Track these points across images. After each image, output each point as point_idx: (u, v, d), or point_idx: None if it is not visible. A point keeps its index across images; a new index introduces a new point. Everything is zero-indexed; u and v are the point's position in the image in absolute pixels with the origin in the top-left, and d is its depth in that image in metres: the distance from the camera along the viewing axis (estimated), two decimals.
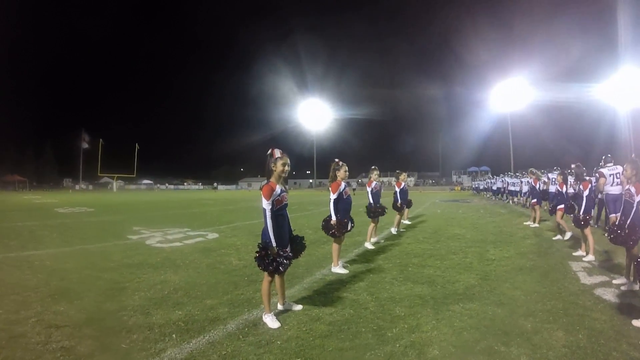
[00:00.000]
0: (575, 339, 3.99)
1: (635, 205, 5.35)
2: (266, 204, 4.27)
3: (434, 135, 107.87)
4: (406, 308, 4.83)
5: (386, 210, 9.25)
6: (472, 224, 13.68)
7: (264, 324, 4.23)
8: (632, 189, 5.41)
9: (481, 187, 46.68)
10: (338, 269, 6.62)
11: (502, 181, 31.31)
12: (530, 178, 14.42)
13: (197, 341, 3.85)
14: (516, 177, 26.85)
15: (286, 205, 4.56)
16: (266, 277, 4.32)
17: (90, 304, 4.93)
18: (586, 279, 6.18)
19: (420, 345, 3.80)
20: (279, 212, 4.43)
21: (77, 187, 76.62)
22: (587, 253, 7.66)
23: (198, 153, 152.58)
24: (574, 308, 4.87)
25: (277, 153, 4.42)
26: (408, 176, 14.61)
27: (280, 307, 4.68)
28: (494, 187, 34.49)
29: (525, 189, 19.03)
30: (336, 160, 6.74)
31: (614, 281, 5.99)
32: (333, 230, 6.43)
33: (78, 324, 4.28)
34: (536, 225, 12.80)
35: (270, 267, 4.25)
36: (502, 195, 30.54)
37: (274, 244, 4.27)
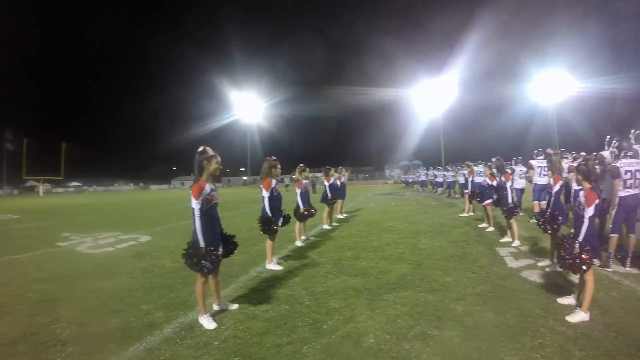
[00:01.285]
0: (504, 318, 4.23)
1: (553, 195, 5.87)
2: (195, 204, 4.14)
3: (368, 130, 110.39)
4: (341, 300, 4.91)
5: (314, 212, 9.25)
6: (404, 217, 14.10)
7: (201, 325, 4.20)
8: (552, 181, 5.88)
9: (410, 180, 49.29)
10: (272, 266, 6.63)
11: (426, 174, 35.00)
12: (466, 171, 15.06)
13: (134, 349, 3.73)
14: (440, 170, 30.17)
15: (216, 204, 4.45)
16: (199, 278, 4.25)
17: (23, 319, 4.64)
18: (513, 263, 6.57)
19: (356, 335, 3.89)
20: (210, 212, 4.31)
21: (0, 192, 70.15)
22: (513, 239, 8.15)
23: (129, 152, 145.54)
24: (503, 290, 5.16)
25: (211, 151, 4.37)
26: (345, 171, 14.72)
27: (216, 307, 4.66)
28: (420, 180, 38.25)
29: (461, 180, 19.97)
30: (268, 157, 6.73)
31: (539, 263, 6.43)
32: (270, 227, 6.43)
33: (11, 340, 4.00)
34: (469, 214, 13.46)
35: (196, 267, 4.14)
36: (432, 187, 32.91)
37: (202, 244, 4.15)
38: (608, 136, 7.46)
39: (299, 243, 8.71)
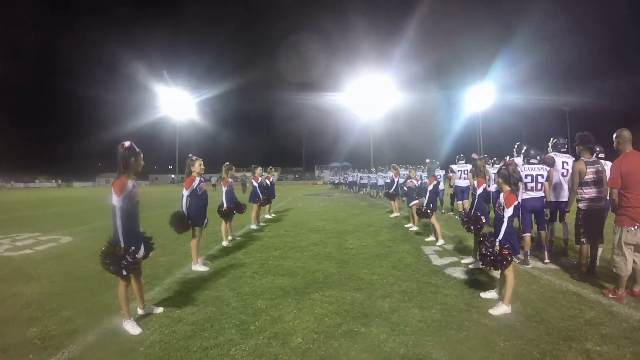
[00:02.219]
0: (429, 314, 4.37)
1: (477, 196, 6.28)
2: (116, 200, 3.92)
3: (298, 131, 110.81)
4: (268, 300, 4.86)
5: (244, 209, 9.12)
6: (332, 217, 14.27)
7: (125, 331, 4.04)
8: (475, 183, 6.23)
9: (336, 181, 50.61)
10: (198, 267, 6.45)
11: (353, 176, 37.12)
12: (392, 172, 15.49)
13: (56, 359, 3.49)
14: (365, 172, 32.45)
15: (138, 202, 4.25)
16: (122, 282, 4.08)
17: None
18: (437, 261, 6.83)
19: (283, 335, 3.86)
20: (131, 210, 4.10)
21: None
22: (437, 239, 8.49)
23: (51, 147, 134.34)
24: (427, 287, 5.33)
25: (136, 148, 4.20)
26: (274, 171, 14.64)
27: (140, 311, 4.49)
28: (347, 181, 40.12)
29: (387, 181, 20.78)
30: (190, 155, 6.55)
31: (463, 261, 6.75)
32: (183, 224, 6.26)
33: None
34: (397, 215, 13.82)
35: (112, 269, 3.91)
36: (357, 188, 34.42)
37: (122, 244, 3.94)
38: (517, 143, 8.02)
39: (225, 243, 8.53)
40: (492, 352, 3.49)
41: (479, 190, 6.33)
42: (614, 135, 5.04)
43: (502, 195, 4.71)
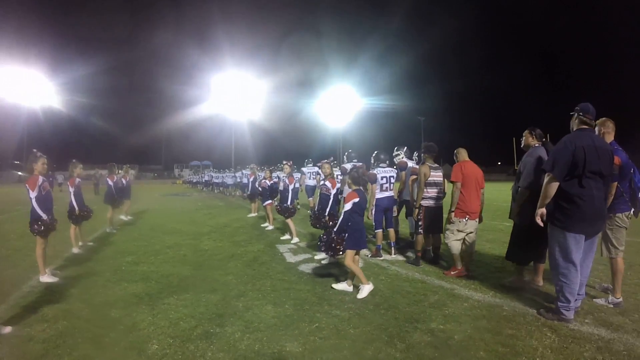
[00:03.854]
0: (282, 309, 4.60)
1: (331, 197, 6.79)
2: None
3: (158, 128, 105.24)
4: (122, 309, 4.68)
5: (92, 213, 8.48)
6: (189, 218, 13.98)
7: None
8: (328, 184, 6.74)
9: (194, 181, 50.25)
10: (46, 278, 5.87)
11: (209, 175, 38.91)
12: (249, 172, 15.66)
13: None
14: (220, 171, 35.19)
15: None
16: None
17: None
18: (292, 258, 7.16)
19: (139, 344, 3.76)
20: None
21: None
22: (292, 237, 8.90)
23: None
24: (281, 284, 5.58)
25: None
26: (130, 169, 13.82)
27: None
28: (203, 180, 41.76)
29: (244, 181, 21.28)
30: (34, 150, 5.96)
31: (316, 257, 7.14)
32: (39, 226, 5.76)
33: None
34: (255, 214, 14.02)
35: None
36: (211, 188, 36.02)
37: None
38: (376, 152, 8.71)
39: (75, 250, 7.85)
40: (343, 339, 3.81)
41: (333, 191, 6.87)
42: (455, 152, 6.27)
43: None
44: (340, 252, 5.10)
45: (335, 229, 5.14)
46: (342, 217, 5.11)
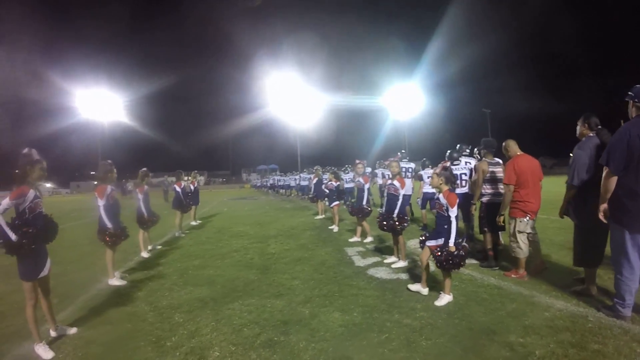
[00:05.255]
0: (350, 317, 4.34)
1: (400, 197, 6.35)
2: (3, 207, 3.61)
3: (225, 134, 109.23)
4: (185, 313, 4.64)
5: (159, 219, 8.63)
6: (256, 221, 14.06)
7: (38, 356, 3.73)
8: (397, 184, 6.36)
9: (258, 184, 51.31)
10: (115, 281, 6.08)
11: (274, 179, 40.69)
12: (313, 175, 15.60)
13: None
14: (286, 175, 36.99)
15: (41, 212, 3.94)
16: (28, 302, 3.80)
17: None
18: (360, 262, 6.87)
19: (200, 350, 3.68)
20: (34, 222, 3.81)
21: None
22: (365, 237, 8.72)
23: None
24: (349, 289, 5.32)
25: (35, 155, 3.93)
26: (198, 175, 14.20)
27: (53, 333, 4.17)
28: (269, 184, 43.55)
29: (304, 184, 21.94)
30: (108, 161, 6.17)
31: (385, 261, 6.82)
32: (107, 238, 5.91)
33: None
34: (321, 217, 13.87)
35: None
36: (276, 191, 37.85)
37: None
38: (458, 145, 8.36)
39: (144, 254, 8.09)
40: (414, 352, 3.50)
41: (402, 192, 6.48)
42: (503, 145, 5.95)
43: (441, 195, 4.79)
44: (462, 264, 4.62)
45: (451, 240, 4.60)
46: (452, 223, 4.59)
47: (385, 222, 6.50)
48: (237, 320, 4.35)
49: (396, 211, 6.36)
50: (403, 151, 12.16)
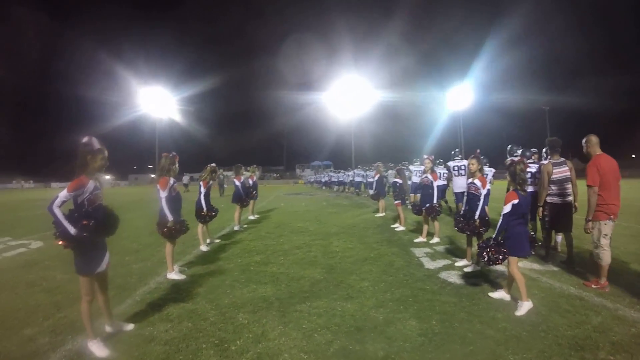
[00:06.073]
0: (429, 325, 4.01)
1: (482, 198, 5.96)
2: (59, 200, 3.51)
3: (280, 129, 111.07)
4: (250, 314, 4.44)
5: (217, 213, 8.61)
6: (315, 217, 13.89)
7: (91, 353, 3.61)
8: (478, 183, 5.93)
9: (311, 180, 51.92)
10: (174, 275, 6.01)
11: (328, 175, 41.43)
12: (374, 171, 15.26)
13: None
14: (340, 171, 37.42)
15: (101, 205, 3.83)
16: (84, 298, 3.71)
17: None
18: (430, 264, 6.49)
19: (268, 357, 3.46)
20: (93, 215, 3.68)
21: None
22: (433, 237, 8.36)
23: (30, 146, 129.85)
24: (423, 294, 4.98)
25: (97, 144, 3.80)
26: (256, 169, 14.22)
27: (108, 329, 4.07)
28: (323, 180, 44.12)
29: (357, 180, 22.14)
30: (172, 153, 6.10)
31: (457, 264, 6.40)
32: (167, 230, 5.83)
33: None
34: (382, 215, 13.50)
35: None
36: (330, 187, 38.64)
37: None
38: (509, 146, 8.33)
39: (203, 248, 8.08)
40: None
41: (483, 191, 6.04)
42: (584, 140, 5.51)
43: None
44: (499, 262, 4.41)
45: (493, 237, 4.54)
46: (500, 220, 4.48)
47: (465, 224, 6.06)
48: (307, 324, 4.11)
49: (477, 212, 5.92)
50: (457, 150, 12.23)
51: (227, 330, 4.03)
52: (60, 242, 3.59)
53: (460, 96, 57.94)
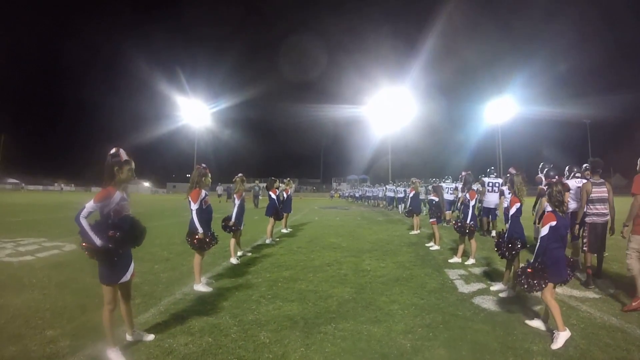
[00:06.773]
0: (458, 356, 3.79)
1: (509, 218, 5.79)
2: (85, 211, 3.54)
3: (317, 143, 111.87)
4: (272, 332, 4.32)
5: (242, 227, 8.56)
6: (349, 232, 13.73)
7: None
8: (507, 203, 5.79)
9: (346, 194, 52.08)
10: (200, 287, 6.00)
11: (363, 189, 42.49)
12: (409, 187, 15.04)
13: None
14: (375, 186, 38.12)
15: (127, 216, 3.84)
16: (106, 306, 3.70)
17: None
18: (464, 288, 6.23)
19: None
20: (118, 225, 3.68)
21: None
22: (469, 257, 8.11)
23: (71, 150, 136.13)
24: (455, 320, 4.75)
25: (124, 155, 3.82)
26: (292, 182, 14.24)
27: (129, 337, 4.07)
28: (357, 195, 45.02)
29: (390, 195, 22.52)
30: (203, 165, 6.13)
31: (492, 288, 6.12)
32: (196, 241, 5.86)
33: None
34: (416, 232, 13.24)
35: None
36: (364, 201, 39.77)
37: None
38: (541, 164, 8.27)
39: (234, 260, 8.06)
40: None
41: (512, 211, 5.78)
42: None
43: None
44: (536, 288, 4.15)
45: (530, 261, 4.31)
46: (538, 243, 4.26)
47: (506, 248, 5.75)
48: (330, 347, 3.96)
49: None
50: (492, 168, 12.31)
51: (248, 348, 3.92)
52: (87, 253, 3.60)
53: (499, 109, 56.75)
